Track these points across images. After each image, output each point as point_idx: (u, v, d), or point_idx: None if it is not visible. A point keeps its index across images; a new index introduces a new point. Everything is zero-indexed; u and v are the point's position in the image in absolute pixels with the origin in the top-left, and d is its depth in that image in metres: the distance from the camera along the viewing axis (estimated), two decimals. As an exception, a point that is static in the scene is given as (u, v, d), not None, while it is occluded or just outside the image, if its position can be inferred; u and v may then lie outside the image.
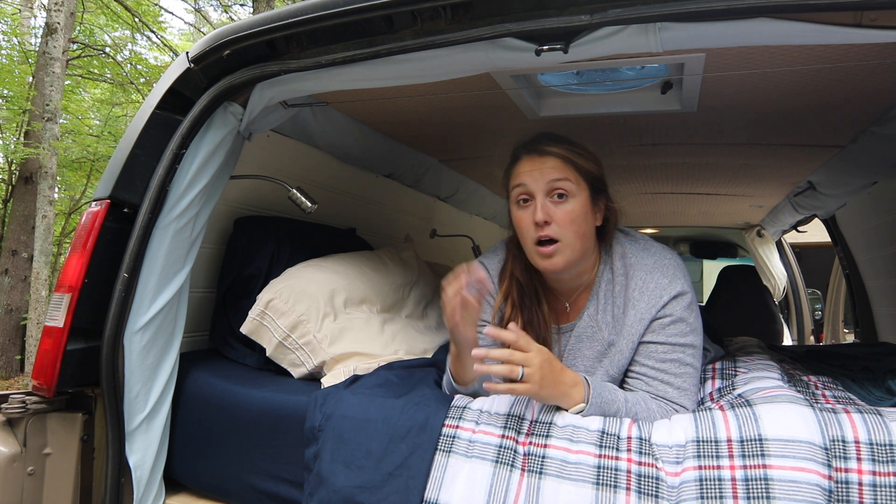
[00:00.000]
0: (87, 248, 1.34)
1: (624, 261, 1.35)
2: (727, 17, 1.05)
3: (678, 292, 1.28)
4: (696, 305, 1.31)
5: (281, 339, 1.58)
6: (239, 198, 1.88)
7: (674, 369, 1.26)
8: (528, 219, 1.31)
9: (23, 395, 1.36)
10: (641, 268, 1.32)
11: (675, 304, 1.27)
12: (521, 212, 1.32)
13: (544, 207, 1.28)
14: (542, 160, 1.31)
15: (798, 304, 4.40)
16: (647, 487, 1.05)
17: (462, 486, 1.14)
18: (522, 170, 1.32)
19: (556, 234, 1.29)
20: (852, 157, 2.16)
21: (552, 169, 1.30)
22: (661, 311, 1.27)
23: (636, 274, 1.31)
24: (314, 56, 1.31)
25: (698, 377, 1.30)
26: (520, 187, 1.32)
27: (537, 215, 1.28)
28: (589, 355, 1.37)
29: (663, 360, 1.27)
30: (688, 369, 1.27)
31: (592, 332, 1.37)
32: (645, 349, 1.29)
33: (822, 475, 0.97)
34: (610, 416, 1.18)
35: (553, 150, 1.32)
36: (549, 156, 1.31)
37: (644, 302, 1.28)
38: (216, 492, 1.45)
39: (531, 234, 1.30)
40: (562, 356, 1.41)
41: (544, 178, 1.29)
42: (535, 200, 1.30)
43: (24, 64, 8.96)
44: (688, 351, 1.27)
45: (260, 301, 1.62)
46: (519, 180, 1.32)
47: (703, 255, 5.21)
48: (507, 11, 1.15)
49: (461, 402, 1.28)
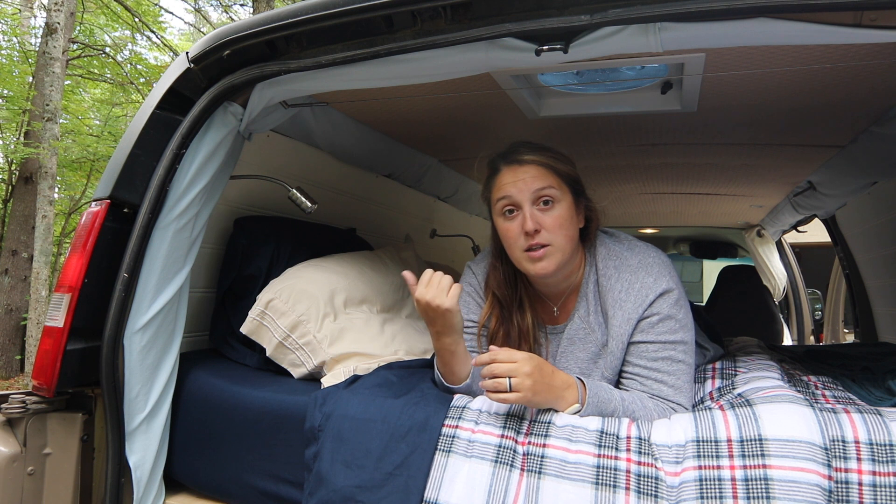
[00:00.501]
0: (87, 248, 1.34)
1: (608, 261, 1.35)
2: (727, 17, 1.05)
3: (664, 290, 1.28)
4: (684, 301, 1.31)
5: (281, 339, 1.58)
6: (239, 198, 1.88)
7: (666, 367, 1.26)
8: (516, 229, 1.31)
9: (23, 395, 1.36)
10: (626, 268, 1.32)
11: (662, 301, 1.27)
12: (509, 223, 1.32)
13: (533, 216, 1.29)
14: (524, 169, 1.31)
15: (798, 304, 4.40)
16: (647, 487, 1.05)
17: (462, 486, 1.14)
18: (505, 181, 1.33)
19: (547, 239, 1.29)
20: (852, 157, 2.16)
21: (535, 178, 1.30)
22: (647, 309, 1.28)
23: (621, 274, 1.32)
24: (314, 56, 1.31)
25: (692, 373, 1.30)
26: (505, 199, 1.32)
27: (527, 225, 1.28)
28: (583, 357, 1.37)
29: (655, 359, 1.27)
30: (680, 366, 1.27)
31: (585, 333, 1.37)
32: (636, 349, 1.29)
33: (822, 475, 0.97)
34: (607, 416, 1.18)
35: (533, 159, 1.32)
36: (530, 164, 1.32)
37: (630, 302, 1.29)
38: (216, 492, 1.45)
39: (520, 243, 1.31)
40: (555, 359, 1.41)
41: (529, 188, 1.30)
42: (523, 210, 1.30)
43: (24, 64, 8.96)
44: (679, 348, 1.27)
45: (260, 301, 1.62)
46: (503, 192, 1.32)
47: (703, 255, 5.21)
48: (507, 11, 1.15)
49: (461, 401, 1.28)
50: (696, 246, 5.05)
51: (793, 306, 4.43)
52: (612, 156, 2.55)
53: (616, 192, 3.38)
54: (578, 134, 2.24)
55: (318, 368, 1.58)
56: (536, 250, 1.29)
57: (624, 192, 3.37)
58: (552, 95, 1.91)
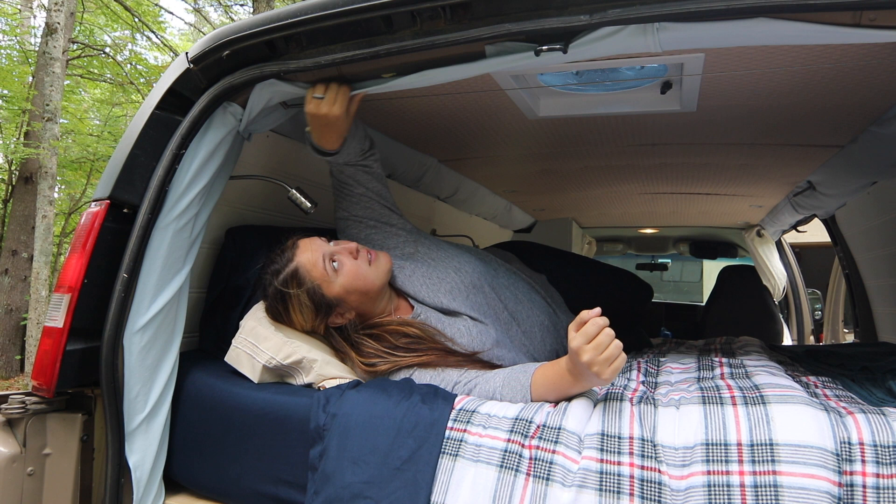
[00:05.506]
0: (87, 248, 1.34)
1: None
2: (726, 17, 1.05)
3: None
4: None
5: (264, 362, 1.45)
6: (238, 198, 1.88)
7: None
8: (349, 261, 1.47)
9: (22, 396, 1.36)
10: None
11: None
12: (344, 267, 1.46)
13: (343, 247, 1.49)
14: (305, 243, 1.49)
15: (798, 304, 4.40)
16: (651, 493, 1.04)
17: (467, 490, 1.13)
18: (306, 258, 1.46)
19: (362, 247, 1.51)
20: (852, 157, 2.16)
21: (312, 241, 1.49)
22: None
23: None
24: (314, 56, 1.31)
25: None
26: (325, 261, 1.46)
27: (349, 247, 1.48)
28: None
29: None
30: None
31: (428, 314, 1.55)
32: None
33: (833, 482, 0.95)
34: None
35: (298, 238, 1.52)
36: (301, 240, 1.51)
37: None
38: (216, 492, 1.45)
39: (361, 264, 1.48)
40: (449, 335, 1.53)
41: (319, 243, 1.49)
42: (336, 253, 1.47)
43: (24, 64, 8.96)
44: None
45: (243, 329, 1.51)
46: (318, 262, 1.45)
47: (703, 255, 5.21)
48: (507, 11, 1.15)
49: (470, 405, 1.28)
50: (696, 246, 5.06)
51: (793, 306, 4.42)
52: (612, 156, 2.55)
53: (616, 192, 3.38)
54: (578, 134, 2.24)
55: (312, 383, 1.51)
56: (370, 257, 1.50)
57: (623, 192, 3.37)
58: (552, 95, 1.91)
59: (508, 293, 1.71)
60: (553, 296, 1.99)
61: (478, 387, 1.37)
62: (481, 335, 1.53)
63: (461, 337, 1.51)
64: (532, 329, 1.71)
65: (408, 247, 1.67)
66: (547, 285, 2.03)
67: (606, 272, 2.42)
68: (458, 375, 1.41)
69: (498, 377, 1.36)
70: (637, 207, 3.80)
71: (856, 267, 2.92)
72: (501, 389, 1.33)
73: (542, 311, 1.78)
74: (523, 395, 1.30)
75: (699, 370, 1.48)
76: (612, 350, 1.14)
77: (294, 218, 2.01)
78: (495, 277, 1.71)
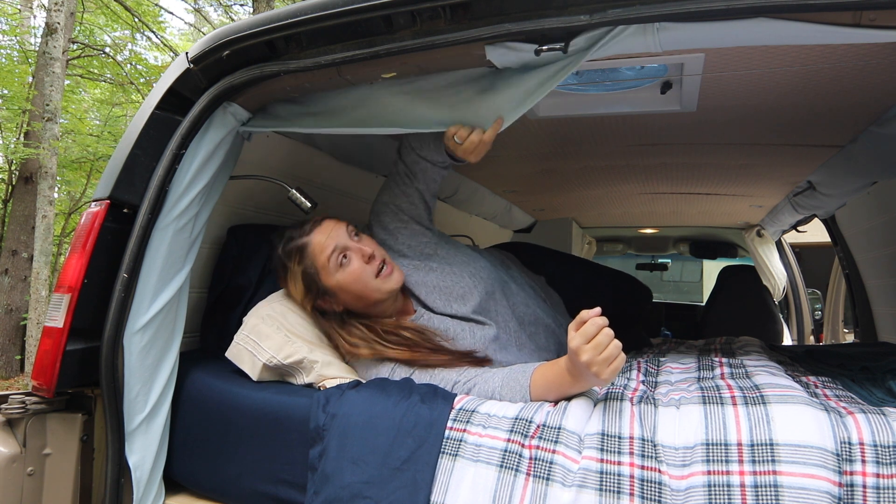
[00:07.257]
0: (87, 248, 1.34)
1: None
2: (726, 17, 1.05)
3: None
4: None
5: (265, 360, 1.45)
6: (238, 198, 1.88)
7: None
8: (357, 263, 1.45)
9: (22, 396, 1.36)
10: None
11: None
12: (349, 266, 1.46)
13: (360, 247, 1.47)
14: (328, 225, 1.50)
15: (798, 304, 4.40)
16: (651, 493, 1.04)
17: (467, 490, 1.13)
18: (318, 240, 1.47)
19: (382, 255, 1.49)
20: (852, 157, 2.16)
21: (336, 225, 1.49)
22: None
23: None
24: (314, 56, 1.30)
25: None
26: (334, 252, 1.46)
27: (364, 251, 1.46)
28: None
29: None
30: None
31: (430, 317, 1.54)
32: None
33: (833, 482, 0.95)
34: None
35: (327, 217, 1.54)
36: (328, 220, 1.52)
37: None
38: (216, 493, 1.45)
39: (368, 271, 1.46)
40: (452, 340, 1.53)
41: (341, 232, 1.48)
42: (350, 250, 1.46)
43: (23, 64, 8.96)
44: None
45: (245, 326, 1.51)
46: (327, 250, 1.46)
47: (703, 255, 5.21)
48: (507, 11, 1.15)
49: (469, 405, 1.28)
50: (696, 246, 5.06)
51: (793, 306, 4.42)
52: (612, 156, 2.55)
53: (616, 192, 3.38)
54: (578, 134, 2.24)
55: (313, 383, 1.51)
56: (383, 270, 1.47)
57: (624, 192, 3.37)
58: (552, 95, 1.90)
59: (518, 299, 1.71)
60: (552, 298, 1.99)
61: (477, 386, 1.37)
62: (485, 339, 1.53)
63: (464, 339, 1.52)
64: (537, 332, 1.71)
65: (428, 248, 1.66)
66: (546, 287, 2.03)
67: (605, 274, 2.42)
68: (458, 375, 1.41)
69: (497, 377, 1.36)
70: (637, 207, 3.80)
71: (856, 267, 2.92)
72: (501, 389, 1.33)
73: (544, 314, 1.78)
74: (522, 395, 1.30)
75: (699, 370, 1.48)
76: (612, 350, 1.14)
77: (294, 218, 2.00)
78: (507, 283, 1.72)
